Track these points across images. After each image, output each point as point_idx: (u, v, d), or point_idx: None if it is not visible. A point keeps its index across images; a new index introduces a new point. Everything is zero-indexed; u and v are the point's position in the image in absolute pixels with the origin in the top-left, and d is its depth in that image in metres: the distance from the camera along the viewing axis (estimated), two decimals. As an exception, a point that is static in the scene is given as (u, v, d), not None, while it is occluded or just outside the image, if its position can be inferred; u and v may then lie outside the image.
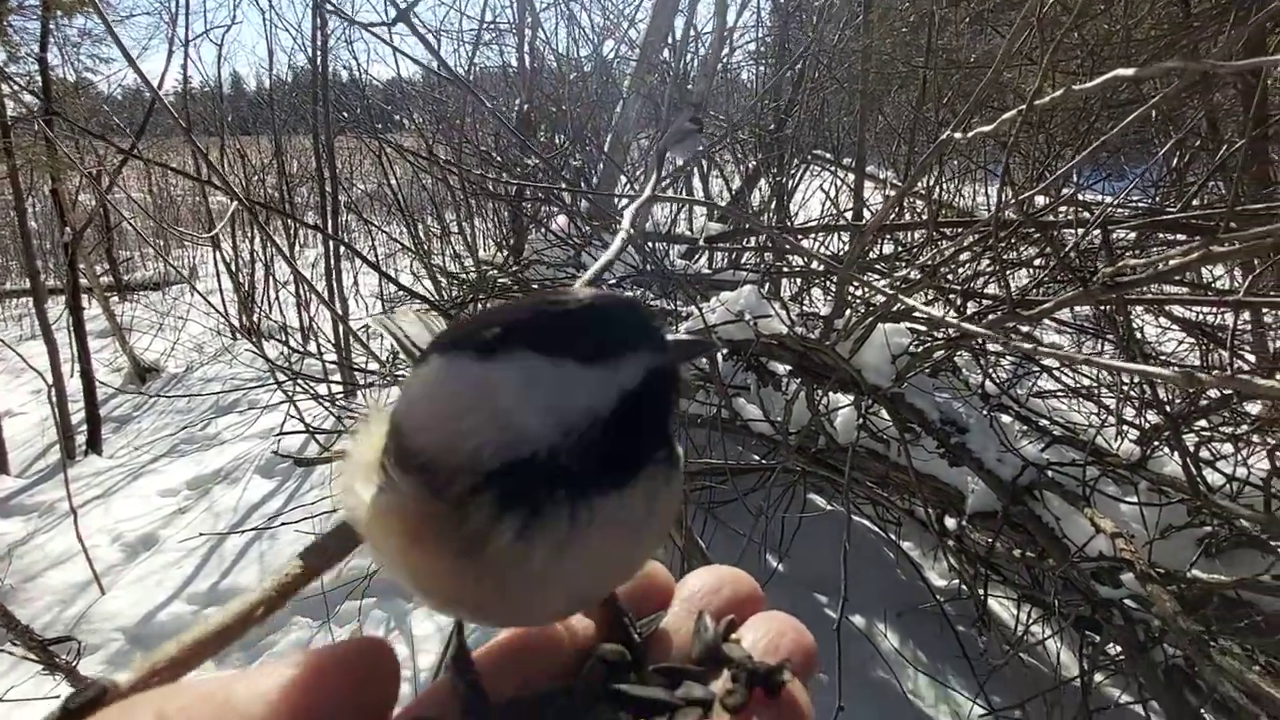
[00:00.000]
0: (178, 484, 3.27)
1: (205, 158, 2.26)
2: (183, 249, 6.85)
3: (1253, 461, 1.73)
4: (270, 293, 4.92)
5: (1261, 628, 1.37)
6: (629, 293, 0.45)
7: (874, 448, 2.06)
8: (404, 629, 2.30)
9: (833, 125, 4.42)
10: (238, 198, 1.95)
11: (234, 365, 4.33)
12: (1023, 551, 1.88)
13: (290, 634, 2.34)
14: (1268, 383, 0.58)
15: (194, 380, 4.41)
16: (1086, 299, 0.97)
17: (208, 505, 3.07)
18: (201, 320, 4.86)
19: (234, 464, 3.35)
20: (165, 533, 2.90)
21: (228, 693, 0.24)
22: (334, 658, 0.26)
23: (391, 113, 5.29)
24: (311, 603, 2.33)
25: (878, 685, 2.04)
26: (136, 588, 2.58)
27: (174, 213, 7.34)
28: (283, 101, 5.40)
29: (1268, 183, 2.74)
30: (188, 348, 4.83)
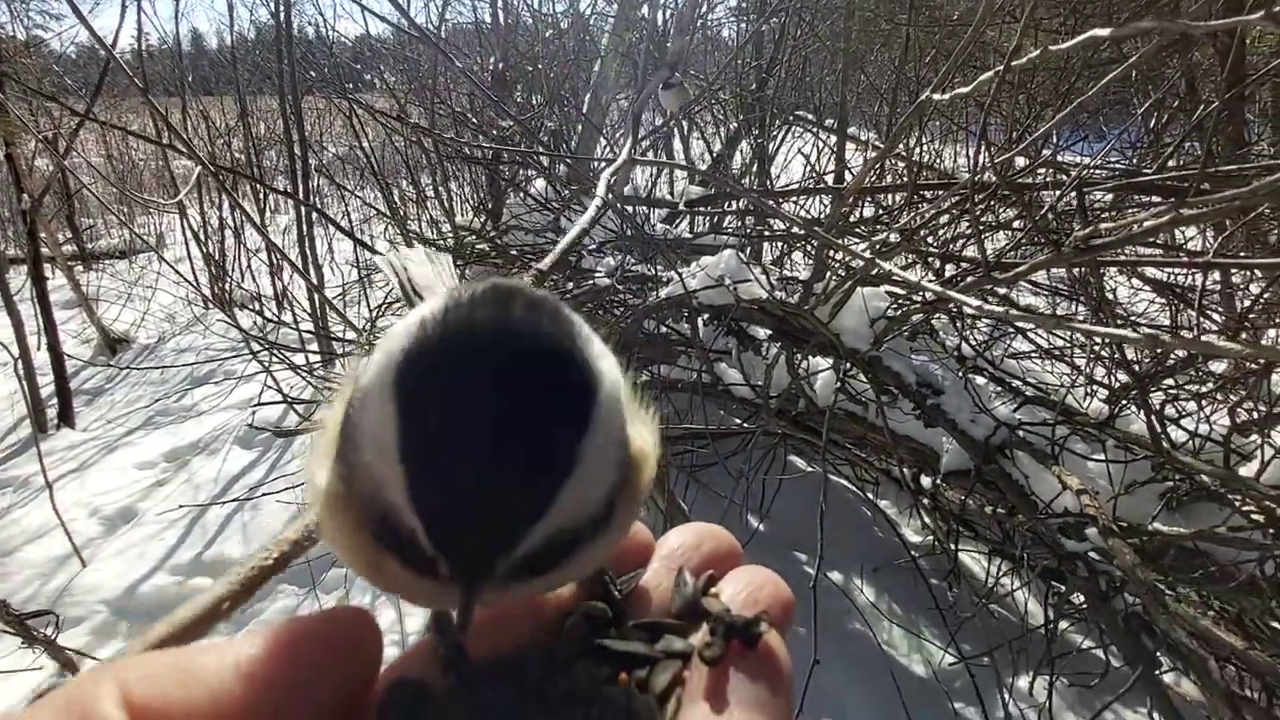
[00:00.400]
0: (155, 456, 3.23)
1: (165, 119, 2.17)
2: (148, 215, 6.62)
3: (1215, 418, 1.79)
4: (242, 261, 4.80)
5: (1216, 576, 1.44)
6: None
7: (852, 410, 2.10)
8: (390, 598, 2.32)
9: (815, 85, 4.35)
10: (201, 162, 1.89)
11: (208, 335, 4.24)
12: (994, 508, 1.94)
13: (277, 602, 2.35)
14: (1228, 344, 0.60)
15: (167, 351, 4.31)
16: (1060, 262, 0.98)
17: (187, 477, 3.04)
18: (172, 289, 4.73)
19: (212, 435, 3.32)
20: (144, 505, 2.87)
21: (194, 663, 0.23)
22: (310, 627, 0.26)
23: (361, 72, 5.11)
24: (297, 571, 2.34)
25: (854, 637, 2.11)
26: (118, 560, 2.57)
27: (136, 178, 7.07)
28: (246, 60, 5.17)
29: (1241, 143, 2.77)
30: (159, 318, 4.71)
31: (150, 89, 2.25)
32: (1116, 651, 1.68)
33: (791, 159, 4.02)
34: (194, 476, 3.04)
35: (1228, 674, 1.53)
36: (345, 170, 5.68)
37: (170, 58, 5.58)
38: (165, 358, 4.20)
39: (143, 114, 6.22)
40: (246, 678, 0.23)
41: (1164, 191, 1.79)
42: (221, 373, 3.75)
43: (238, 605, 0.30)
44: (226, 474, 3.02)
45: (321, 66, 4.45)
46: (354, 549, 0.28)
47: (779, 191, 3.04)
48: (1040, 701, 1.73)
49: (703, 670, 0.26)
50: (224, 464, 3.09)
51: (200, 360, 3.67)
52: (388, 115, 3.33)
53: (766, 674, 0.26)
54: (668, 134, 3.96)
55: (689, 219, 3.42)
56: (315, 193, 4.86)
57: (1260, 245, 2.15)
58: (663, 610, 0.31)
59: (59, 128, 4.67)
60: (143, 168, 7.24)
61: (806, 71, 4.16)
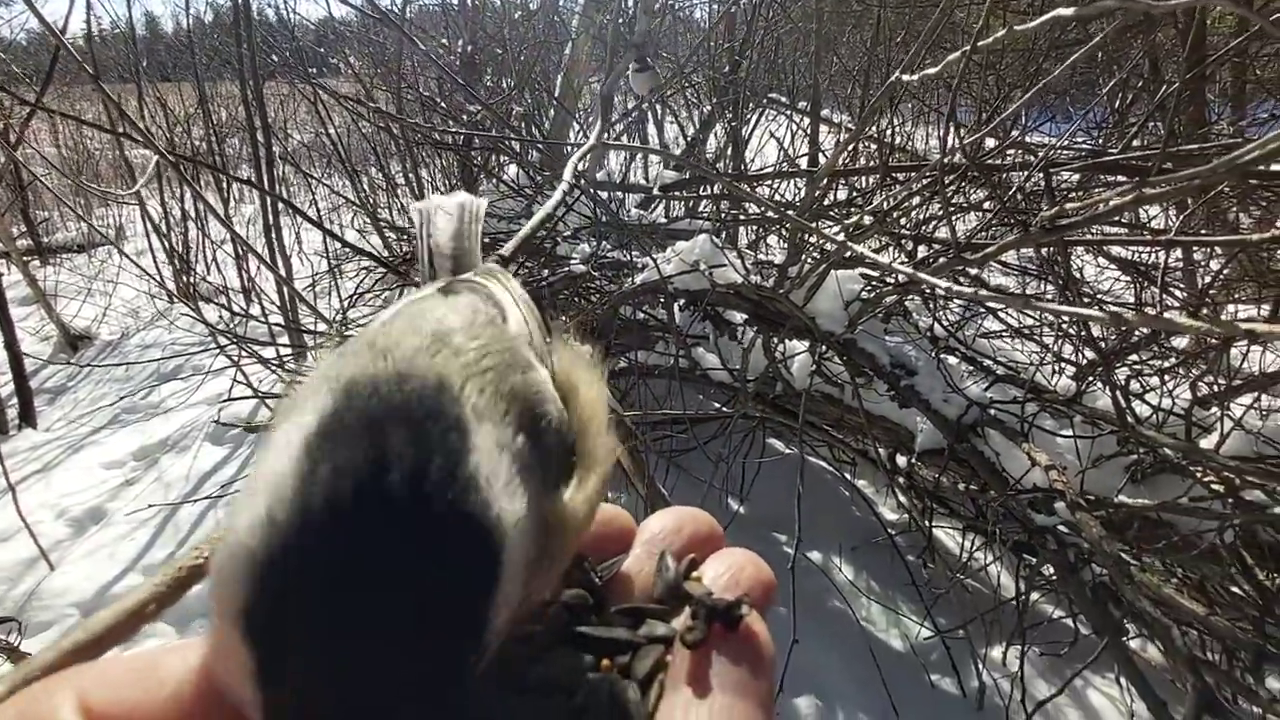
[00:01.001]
0: (123, 455, 3.14)
1: (118, 107, 2.09)
2: (106, 208, 6.40)
3: (1177, 393, 1.84)
4: (206, 253, 4.67)
5: (1179, 545, 1.49)
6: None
7: (829, 392, 2.12)
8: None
9: (787, 67, 4.33)
10: (158, 151, 1.82)
11: (173, 330, 4.12)
12: (967, 485, 1.98)
13: (254, 600, 2.32)
14: (1189, 321, 0.61)
15: (131, 347, 4.19)
16: (1028, 242, 0.99)
17: (157, 475, 2.97)
18: (134, 283, 4.58)
19: (181, 432, 3.24)
20: (113, 505, 2.80)
21: (155, 666, 0.23)
22: None
23: (325, 56, 4.96)
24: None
25: (834, 615, 2.15)
26: (87, 562, 2.51)
27: (93, 169, 6.83)
28: (204, 44, 5.00)
29: (1202, 123, 2.83)
30: (121, 313, 4.57)
31: (104, 76, 2.16)
32: (1085, 621, 1.73)
33: (766, 143, 4.01)
34: (164, 475, 2.97)
35: (1190, 639, 1.59)
36: (311, 158, 5.54)
37: (124, 43, 5.36)
38: (129, 354, 4.08)
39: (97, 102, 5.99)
40: (209, 682, 0.22)
41: (1128, 171, 1.82)
42: (189, 368, 3.65)
43: (164, 607, 0.28)
44: (198, 471, 2.96)
45: (283, 50, 4.31)
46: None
47: (753, 175, 3.03)
48: (1013, 671, 1.78)
49: (685, 654, 0.26)
50: (195, 461, 3.03)
51: (166, 356, 3.57)
52: (354, 100, 3.25)
53: (748, 656, 0.26)
54: (642, 118, 3.93)
55: (664, 204, 3.40)
56: (280, 181, 4.73)
57: (1220, 223, 2.21)
58: (645, 595, 0.31)
59: (9, 118, 4.47)
60: (99, 158, 6.99)
61: (779, 54, 4.14)
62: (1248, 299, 2.30)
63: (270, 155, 3.16)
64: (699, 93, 4.00)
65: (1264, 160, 0.77)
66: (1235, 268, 2.26)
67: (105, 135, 5.75)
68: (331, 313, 2.89)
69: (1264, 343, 1.47)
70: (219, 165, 4.28)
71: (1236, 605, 1.53)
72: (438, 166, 4.10)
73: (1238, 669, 1.52)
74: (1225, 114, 3.17)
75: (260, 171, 3.13)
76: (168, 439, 3.21)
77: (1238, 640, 1.18)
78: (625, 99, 3.73)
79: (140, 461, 3.11)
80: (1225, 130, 2.83)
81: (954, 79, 1.03)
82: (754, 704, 0.25)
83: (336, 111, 4.08)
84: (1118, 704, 1.86)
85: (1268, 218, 2.17)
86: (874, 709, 1.85)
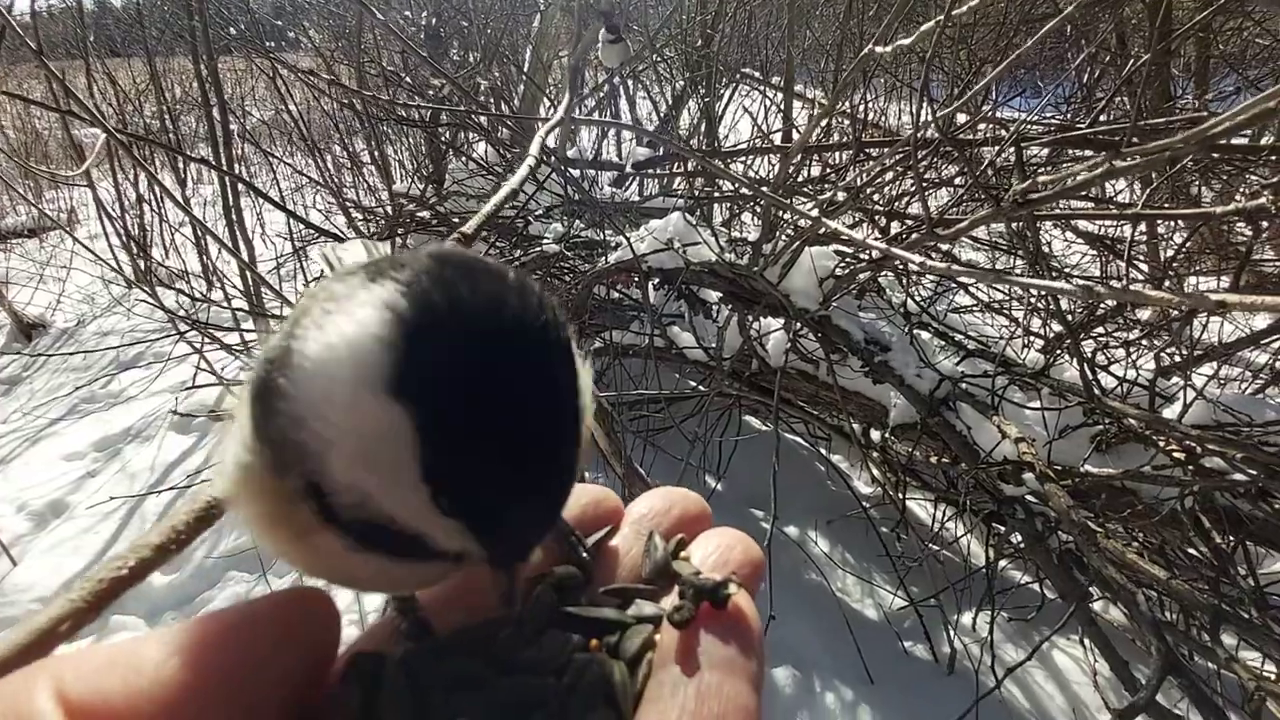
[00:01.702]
0: (84, 446, 3.05)
1: (62, 84, 1.98)
2: (56, 190, 6.13)
3: (1141, 364, 1.88)
4: (164, 236, 4.50)
5: (1141, 512, 1.53)
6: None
7: (804, 369, 2.13)
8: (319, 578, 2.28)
9: (761, 41, 4.28)
10: (107, 129, 1.73)
11: (131, 317, 3.99)
12: (939, 458, 2.01)
13: (226, 588, 2.28)
14: (1157, 293, 0.61)
15: (88, 335, 4.04)
16: (997, 217, 1.00)
17: (120, 466, 2.89)
18: (89, 269, 4.41)
19: (144, 421, 3.15)
20: (75, 498, 2.72)
21: (136, 654, 0.22)
22: (261, 610, 0.25)
23: (283, 29, 4.77)
24: (246, 556, 2.27)
25: (810, 587, 2.19)
26: (51, 556, 2.44)
27: (41, 150, 6.53)
28: (154, 17, 4.77)
29: (1168, 97, 2.87)
30: (76, 300, 4.41)
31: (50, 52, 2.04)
32: (1051, 586, 1.78)
33: (740, 118, 3.97)
34: (128, 465, 2.89)
35: (1151, 601, 1.65)
36: (272, 135, 5.35)
37: (71, 17, 5.09)
38: (86, 342, 3.94)
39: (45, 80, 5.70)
40: (191, 666, 0.22)
41: (1097, 145, 1.83)
42: (150, 355, 3.54)
43: (81, 625, 0.26)
44: (163, 461, 2.88)
45: (239, 23, 4.13)
46: (284, 529, 0.26)
47: (727, 151, 3.00)
48: (983, 636, 1.84)
49: (674, 634, 0.26)
50: (160, 451, 2.95)
51: (126, 343, 3.46)
52: (314, 76, 3.14)
53: (737, 635, 0.26)
54: (614, 94, 3.86)
55: (638, 181, 3.35)
56: (240, 160, 4.57)
57: (1184, 197, 2.25)
58: (634, 575, 0.31)
59: (-56, 94, 4.23)
60: (47, 138, 6.68)
61: (752, 27, 4.08)
62: (1209, 271, 2.35)
63: (228, 133, 3.04)
64: (671, 67, 3.94)
65: (1227, 134, 0.77)
66: (1198, 241, 2.31)
67: (54, 115, 5.48)
68: (297, 296, 2.82)
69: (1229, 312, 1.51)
70: (173, 144, 4.11)
71: (1195, 568, 1.58)
72: (404, 144, 3.99)
73: (1195, 629, 1.58)
74: (1190, 89, 3.22)
75: (218, 150, 3.01)
76: (130, 429, 3.12)
77: (1196, 602, 1.22)
78: (596, 73, 3.65)
79: (102, 452, 3.02)
80: (1191, 105, 2.88)
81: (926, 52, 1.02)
82: (742, 681, 0.25)
83: (297, 87, 3.94)
84: (1082, 665, 1.93)
85: (1229, 191, 2.22)
86: (850, 677, 1.89)
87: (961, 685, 1.78)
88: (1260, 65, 3.44)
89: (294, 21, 4.58)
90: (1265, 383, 2.21)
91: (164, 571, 2.32)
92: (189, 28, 3.14)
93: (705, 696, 0.24)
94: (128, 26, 5.53)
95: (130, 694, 0.21)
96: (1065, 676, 1.95)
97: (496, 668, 0.26)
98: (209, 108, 3.00)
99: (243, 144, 4.23)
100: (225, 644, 0.23)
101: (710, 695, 0.24)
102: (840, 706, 1.84)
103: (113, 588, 0.27)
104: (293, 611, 0.25)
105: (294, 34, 4.77)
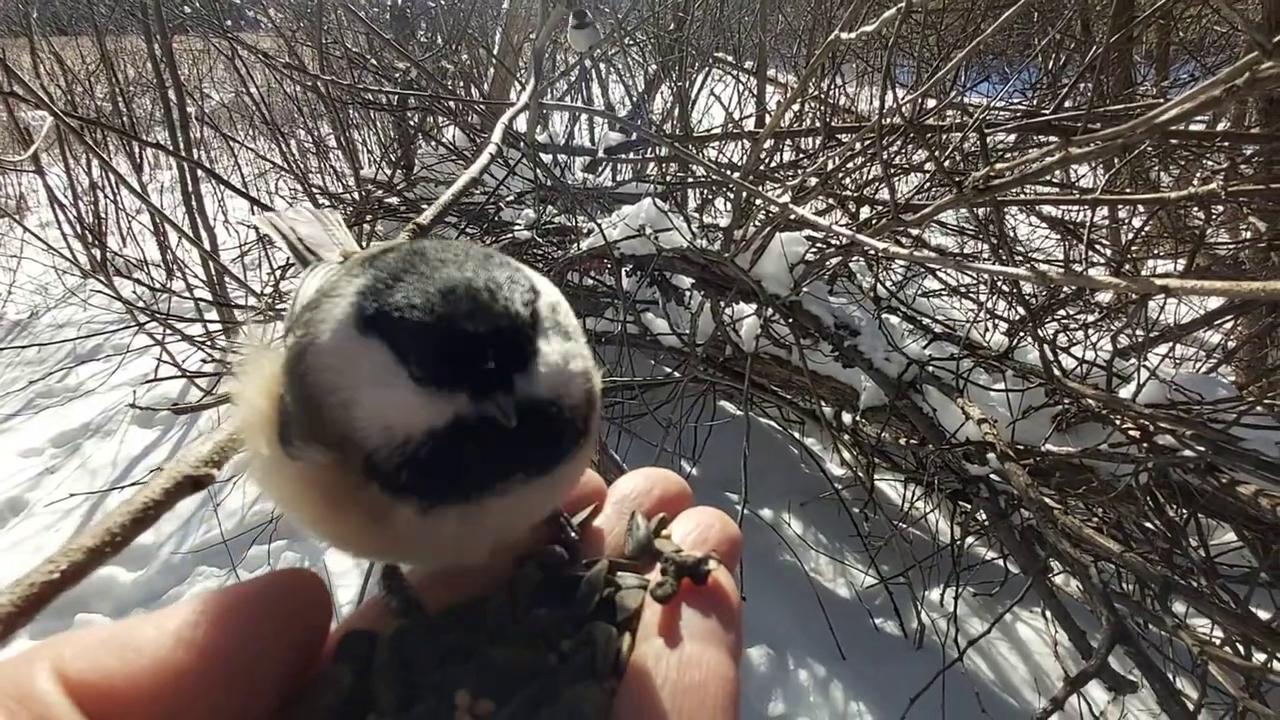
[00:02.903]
0: (41, 442, 2.96)
1: (4, 64, 1.90)
2: (4, 176, 5.87)
3: (1100, 345, 1.94)
4: (120, 224, 4.34)
5: (1099, 488, 1.59)
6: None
7: (776, 354, 2.15)
8: (319, 567, 2.26)
9: (733, 26, 4.26)
10: (54, 113, 1.66)
11: (88, 308, 3.86)
12: (907, 439, 2.06)
13: (195, 584, 2.24)
14: (1108, 279, 0.63)
15: (43, 327, 3.90)
16: (961, 202, 1.01)
17: (80, 462, 2.81)
18: (41, 258, 4.25)
19: (105, 416, 3.06)
20: (33, 495, 2.64)
21: (132, 635, 0.23)
22: (254, 590, 0.25)
23: (242, 7, 4.60)
24: (214, 551, 2.24)
25: (783, 568, 2.23)
26: (9, 556, 2.37)
27: (-16, 133, 6.23)
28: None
29: (1130, 84, 2.93)
30: (28, 290, 4.25)
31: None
32: (1014, 561, 1.84)
33: (712, 104, 3.95)
34: (88, 461, 2.81)
35: (1108, 574, 1.71)
36: (233, 119, 5.18)
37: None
38: (41, 334, 3.81)
39: (-17, 57, 5.42)
40: (188, 645, 0.23)
41: (1060, 131, 1.87)
42: (109, 348, 3.43)
43: (11, 631, 0.26)
44: (126, 456, 2.81)
45: (195, 1, 3.98)
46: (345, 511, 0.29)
47: (699, 137, 2.99)
48: (949, 611, 1.89)
49: (656, 608, 0.27)
50: (121, 445, 2.87)
51: (83, 335, 3.34)
52: (276, 59, 3.04)
53: (717, 609, 0.28)
54: (585, 77, 3.81)
55: (610, 167, 3.33)
56: (199, 145, 4.42)
57: (1143, 182, 2.31)
58: (618, 553, 0.32)
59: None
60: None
61: (724, 12, 4.06)
62: (1166, 254, 2.42)
63: (185, 117, 2.94)
64: (643, 51, 3.90)
65: (1180, 120, 0.79)
66: (1156, 225, 2.38)
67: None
68: (261, 286, 2.75)
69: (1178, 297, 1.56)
70: (127, 128, 3.96)
71: (1149, 541, 1.65)
72: (371, 129, 3.90)
73: (1149, 599, 1.65)
74: (1150, 75, 3.29)
75: (175, 135, 2.91)
76: (89, 423, 3.03)
77: (1148, 573, 1.27)
78: (567, 56, 3.60)
79: (60, 448, 2.93)
80: (1150, 91, 2.94)
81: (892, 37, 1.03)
82: (723, 652, 0.26)
83: (257, 69, 3.81)
84: (1043, 635, 2.00)
85: (1186, 176, 2.28)
86: (823, 654, 1.94)
87: (930, 659, 1.84)
88: (1218, 53, 3.53)
89: (254, 1, 4.42)
90: (1218, 362, 2.29)
91: (130, 568, 2.27)
92: (141, 5, 3.01)
93: (687, 666, 0.25)
94: (74, 3, 5.28)
95: (130, 673, 0.22)
96: (1028, 648, 2.03)
97: (487, 641, 0.27)
98: (164, 90, 2.89)
99: (201, 128, 4.09)
100: (222, 624, 0.23)
101: (692, 665, 0.25)
102: (813, 683, 1.89)
103: (44, 591, 0.27)
104: (286, 592, 0.26)
105: (253, 13, 4.61)
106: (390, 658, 0.26)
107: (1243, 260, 2.12)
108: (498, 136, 0.79)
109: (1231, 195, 1.35)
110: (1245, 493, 1.32)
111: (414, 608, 0.29)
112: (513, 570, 0.31)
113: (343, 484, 0.28)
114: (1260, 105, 1.95)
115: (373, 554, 0.31)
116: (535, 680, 0.25)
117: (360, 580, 2.14)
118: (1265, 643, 1.18)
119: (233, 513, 2.37)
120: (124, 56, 4.81)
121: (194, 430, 2.89)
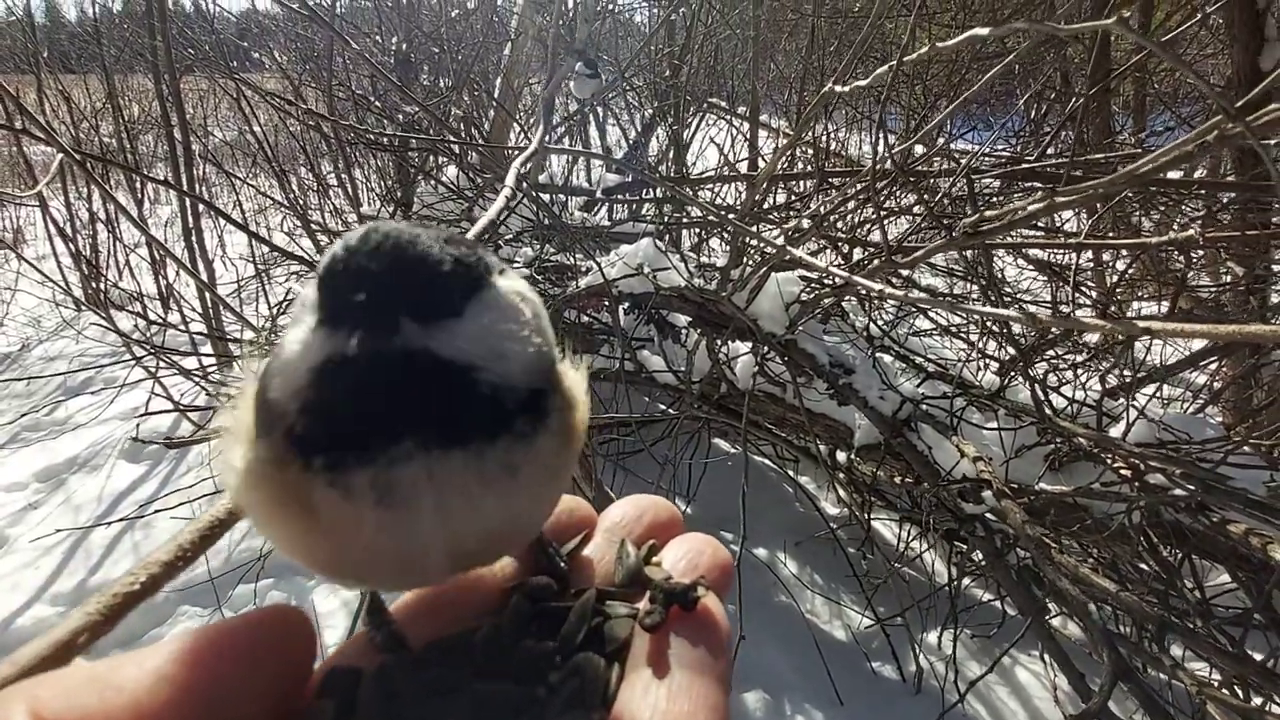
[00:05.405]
0: (25, 477, 2.91)
1: (15, 100, 1.94)
2: (2, 209, 5.91)
3: (1089, 385, 1.97)
4: (119, 257, 4.36)
5: (1093, 527, 1.59)
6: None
7: (771, 391, 2.16)
8: (307, 606, 2.21)
9: (727, 73, 4.41)
10: (60, 147, 1.69)
11: (81, 341, 3.84)
12: (902, 478, 2.06)
13: (178, 624, 2.19)
14: (1093, 321, 0.66)
15: (33, 359, 3.87)
16: (952, 246, 1.05)
17: (64, 498, 2.76)
18: (35, 290, 4.25)
19: (92, 450, 3.02)
20: (15, 531, 2.59)
21: (112, 674, 0.22)
22: (235, 627, 0.25)
23: (249, 50, 4.73)
24: (198, 590, 2.19)
25: (779, 609, 2.20)
26: (-12, 593, 2.30)
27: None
28: (112, 34, 4.68)
29: (1109, 133, 3.04)
30: (20, 323, 4.23)
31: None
32: (1011, 602, 1.83)
33: (706, 146, 4.07)
34: (73, 497, 2.76)
35: (1105, 614, 1.71)
36: (235, 156, 5.26)
37: (21, 31, 4.96)
38: (31, 367, 3.78)
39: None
40: (169, 683, 0.22)
41: (1043, 177, 1.94)
42: (100, 381, 3.41)
43: (97, 637, 0.27)
44: (111, 491, 2.77)
45: (202, 43, 4.09)
46: (285, 505, 0.27)
47: (694, 179, 3.07)
48: (947, 654, 1.87)
49: (645, 637, 0.27)
50: (108, 481, 2.83)
51: (74, 369, 3.32)
52: (281, 98, 3.11)
53: (705, 637, 0.27)
54: (584, 121, 3.92)
55: (607, 207, 3.40)
56: (201, 181, 4.48)
57: (1125, 227, 2.38)
58: (607, 581, 0.32)
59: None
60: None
61: (718, 60, 4.21)
62: (1150, 296, 2.48)
63: (189, 153, 2.99)
64: (640, 96, 4.03)
65: (1158, 170, 0.83)
66: (1139, 268, 2.44)
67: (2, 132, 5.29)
68: (259, 320, 2.76)
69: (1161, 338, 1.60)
70: (131, 163, 4.01)
71: (1144, 580, 1.65)
72: (372, 167, 3.97)
73: (1146, 639, 1.64)
74: (1128, 125, 3.42)
75: (178, 170, 2.95)
76: (76, 458, 2.99)
77: (1145, 613, 1.27)
78: (567, 101, 3.71)
79: (45, 483, 2.88)
80: (1129, 140, 3.05)
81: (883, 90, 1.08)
82: (712, 681, 0.26)
83: (261, 108, 3.90)
84: (1042, 679, 1.98)
85: (1166, 221, 2.36)
86: (820, 699, 1.90)
87: (929, 703, 1.81)
88: (1192, 103, 3.68)
89: (259, 43, 4.55)
90: (1205, 402, 2.33)
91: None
92: (150, 47, 3.09)
93: (676, 696, 0.25)
94: (83, 43, 5.41)
95: (109, 712, 0.21)
96: (1027, 692, 2.00)
97: (473, 674, 0.26)
98: (169, 127, 2.95)
99: (204, 164, 4.16)
100: (203, 662, 0.23)
101: (681, 694, 0.25)
102: (811, 729, 1.85)
103: (125, 601, 0.28)
104: (269, 628, 0.25)
105: (259, 55, 4.73)
106: (374, 693, 0.26)
107: (1224, 303, 2.18)
108: (511, 181, 0.82)
109: (1210, 241, 1.40)
110: (1236, 531, 1.33)
111: (398, 642, 0.28)
112: (499, 602, 0.30)
113: (278, 472, 0.27)
114: (1234, 155, 2.03)
115: (323, 561, 0.29)
116: (522, 714, 0.25)
117: (348, 620, 2.09)
118: (1263, 683, 1.17)
119: (219, 550, 2.33)
120: (130, 95, 4.91)
121: (183, 465, 2.85)
